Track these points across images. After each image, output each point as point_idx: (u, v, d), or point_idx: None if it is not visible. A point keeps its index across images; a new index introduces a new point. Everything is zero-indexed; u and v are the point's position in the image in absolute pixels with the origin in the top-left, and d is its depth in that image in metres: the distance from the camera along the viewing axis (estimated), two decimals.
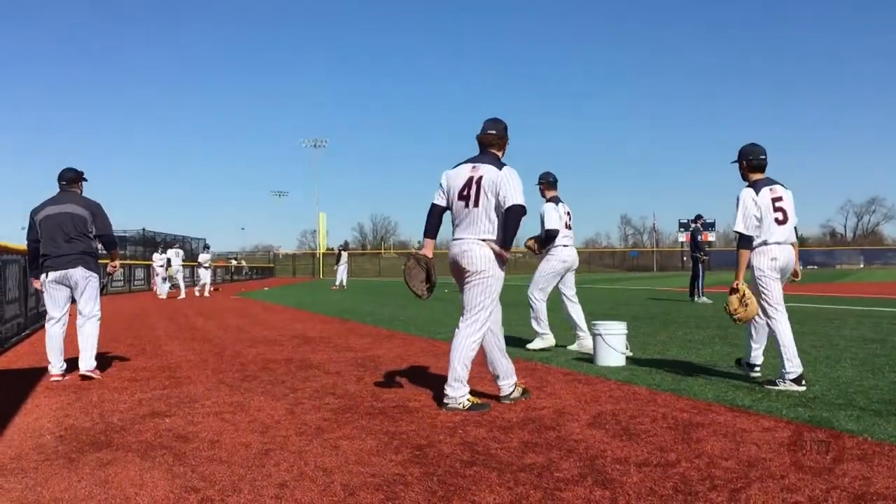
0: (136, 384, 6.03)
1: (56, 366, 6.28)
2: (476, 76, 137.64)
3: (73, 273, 6.23)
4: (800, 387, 5.17)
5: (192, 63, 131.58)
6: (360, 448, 3.78)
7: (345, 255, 31.73)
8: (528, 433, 4.03)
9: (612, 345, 6.47)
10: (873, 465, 3.29)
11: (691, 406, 4.66)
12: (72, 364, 6.34)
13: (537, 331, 7.72)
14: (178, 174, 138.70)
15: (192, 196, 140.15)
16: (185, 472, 3.40)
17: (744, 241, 5.40)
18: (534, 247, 7.50)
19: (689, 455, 3.52)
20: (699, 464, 3.37)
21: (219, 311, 16.35)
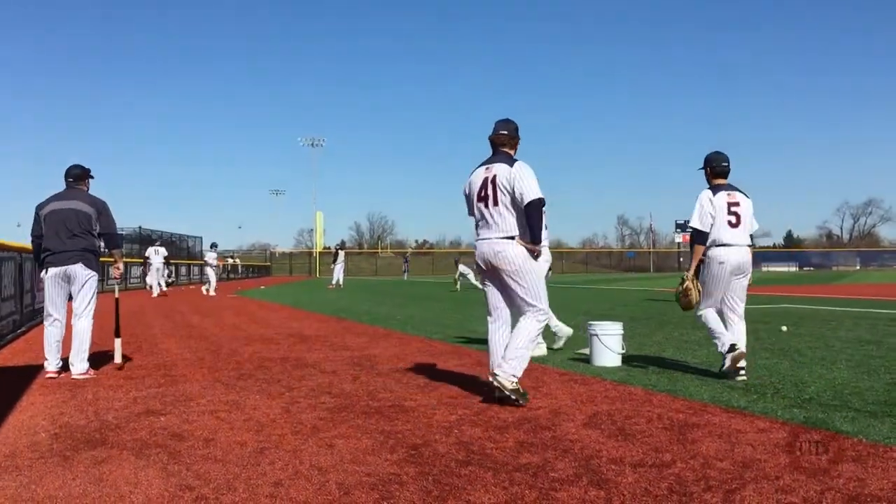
0: (132, 382, 6.02)
1: (52, 363, 6.27)
2: (473, 76, 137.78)
3: (73, 269, 6.22)
4: (734, 352, 5.58)
5: (189, 61, 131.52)
6: (356, 447, 3.77)
7: (342, 254, 31.79)
8: (523, 433, 4.03)
9: (608, 345, 6.47)
10: (868, 467, 3.29)
11: (687, 407, 4.67)
12: (68, 362, 6.32)
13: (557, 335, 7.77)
14: (176, 172, 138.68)
15: (190, 194, 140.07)
16: (180, 471, 3.40)
17: (698, 236, 5.78)
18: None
19: (684, 456, 3.52)
20: (694, 464, 3.37)
21: (215, 309, 16.33)
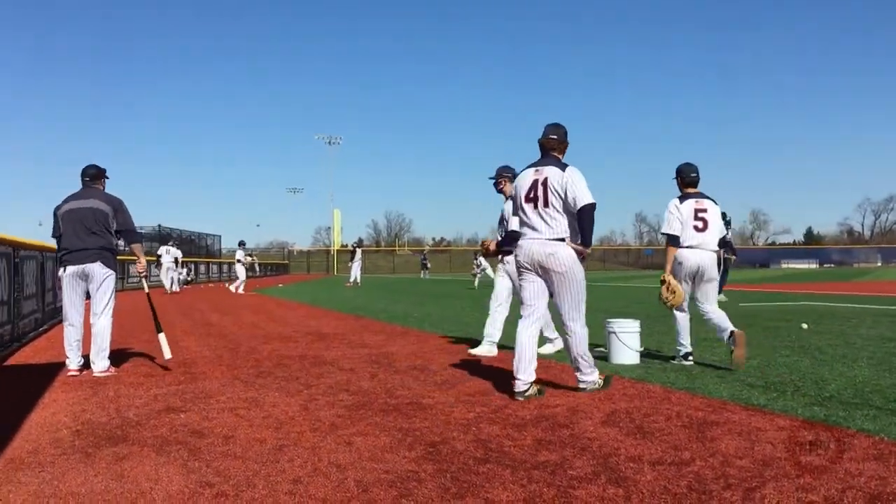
0: (152, 380, 6.07)
1: (73, 362, 6.34)
2: (492, 73, 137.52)
3: (91, 268, 6.27)
4: (687, 362, 6.34)
5: (208, 61, 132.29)
6: (374, 444, 3.79)
7: (359, 252, 31.88)
8: (541, 431, 4.02)
9: (626, 343, 6.45)
10: (890, 465, 3.26)
11: (706, 404, 4.64)
12: (89, 360, 6.39)
13: (550, 337, 7.39)
14: (195, 171, 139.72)
15: (209, 193, 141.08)
16: (200, 468, 3.43)
17: (670, 240, 6.31)
18: (490, 247, 7.21)
19: (703, 454, 3.50)
20: (713, 462, 3.36)
21: (234, 307, 16.44)
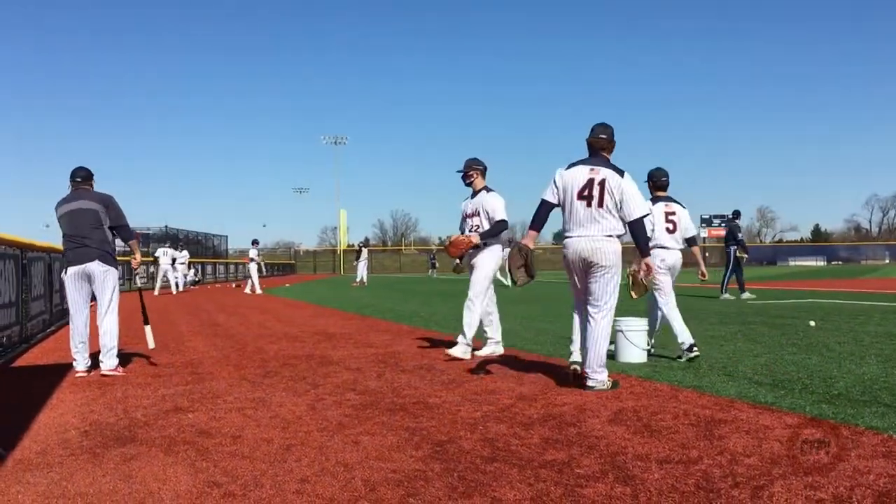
0: (160, 380, 6.09)
1: (81, 363, 6.36)
2: (497, 72, 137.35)
3: (91, 267, 6.31)
4: (693, 353, 6.29)
5: (214, 60, 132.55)
6: (381, 444, 3.79)
7: (365, 251, 31.89)
8: (548, 429, 4.02)
9: (633, 341, 6.43)
10: None
11: (713, 402, 4.63)
12: (96, 360, 6.41)
13: (494, 337, 7.20)
14: (201, 171, 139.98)
15: (215, 193, 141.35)
16: (208, 467, 3.43)
17: None
18: (473, 241, 6.87)
19: (711, 452, 3.49)
20: (721, 461, 3.34)
21: (241, 307, 16.47)
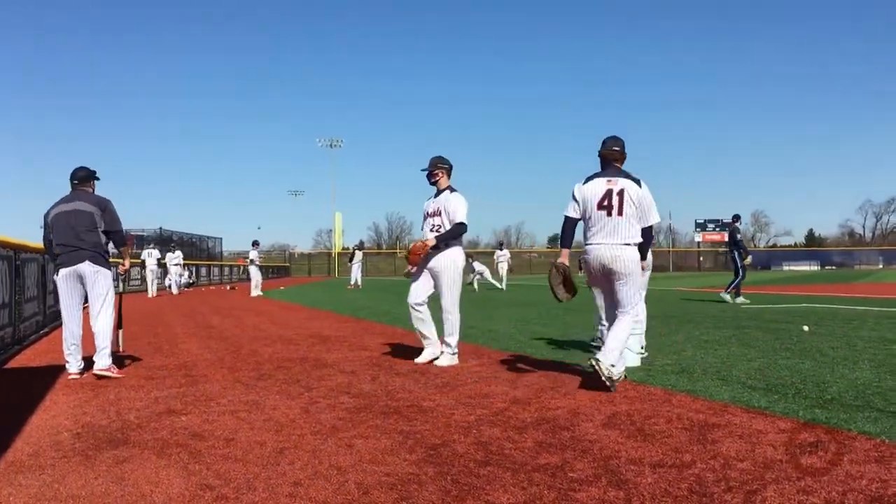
0: (153, 382, 6.07)
1: (73, 365, 6.35)
2: (497, 72, 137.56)
3: (83, 268, 6.28)
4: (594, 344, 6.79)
5: (208, 62, 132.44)
6: (375, 447, 3.79)
7: (359, 253, 31.72)
8: (542, 433, 4.02)
9: (627, 345, 6.42)
10: (891, 468, 3.25)
11: (707, 407, 4.64)
12: (89, 362, 6.39)
13: (452, 344, 7.02)
14: (197, 174, 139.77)
15: (209, 195, 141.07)
16: (201, 470, 3.43)
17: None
18: (428, 244, 6.77)
19: (704, 456, 3.50)
20: (714, 465, 3.35)
21: (236, 309, 16.44)
